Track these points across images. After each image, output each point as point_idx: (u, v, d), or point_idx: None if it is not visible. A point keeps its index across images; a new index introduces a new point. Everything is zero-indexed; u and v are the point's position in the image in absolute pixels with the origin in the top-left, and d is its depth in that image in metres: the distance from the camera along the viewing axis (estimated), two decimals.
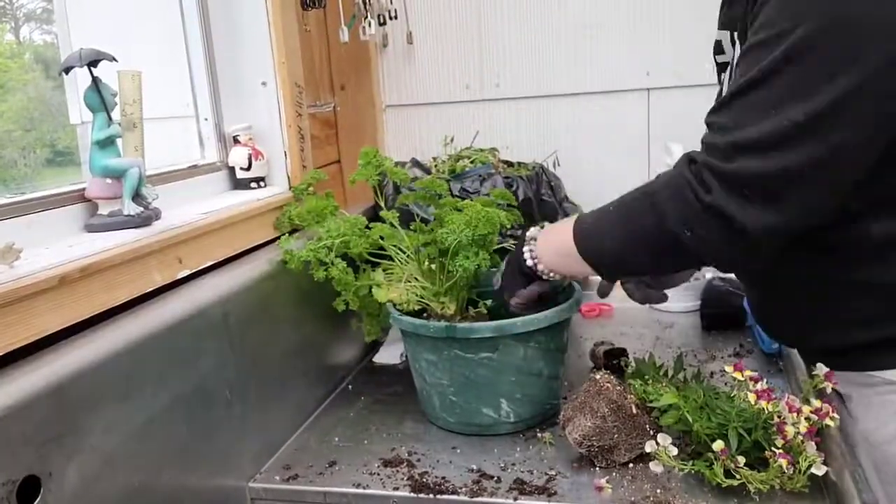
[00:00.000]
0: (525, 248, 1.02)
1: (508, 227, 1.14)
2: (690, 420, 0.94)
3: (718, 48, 1.04)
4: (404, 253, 1.17)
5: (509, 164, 1.64)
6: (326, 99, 1.61)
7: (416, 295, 1.11)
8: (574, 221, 0.97)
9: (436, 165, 1.60)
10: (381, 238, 1.18)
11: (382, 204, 1.27)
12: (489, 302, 1.14)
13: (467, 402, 1.07)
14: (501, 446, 1.05)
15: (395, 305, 1.11)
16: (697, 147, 0.87)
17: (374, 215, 1.55)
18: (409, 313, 1.10)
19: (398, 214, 1.21)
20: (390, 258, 1.18)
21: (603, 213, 0.94)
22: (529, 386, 1.07)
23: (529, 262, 1.01)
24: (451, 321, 1.07)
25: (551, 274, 1.01)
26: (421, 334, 1.06)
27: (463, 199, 1.30)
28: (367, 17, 1.68)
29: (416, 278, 1.13)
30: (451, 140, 1.74)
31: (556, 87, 1.80)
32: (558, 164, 1.69)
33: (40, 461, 0.70)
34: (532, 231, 1.04)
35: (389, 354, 1.41)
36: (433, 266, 1.13)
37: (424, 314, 1.12)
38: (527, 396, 1.07)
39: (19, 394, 0.69)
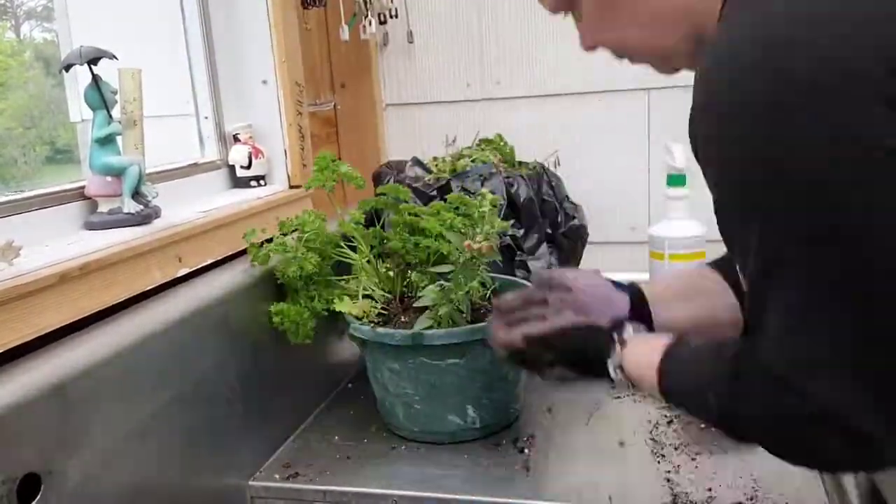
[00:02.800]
0: (611, 364, 0.82)
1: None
2: None
3: None
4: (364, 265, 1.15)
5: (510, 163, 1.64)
6: (327, 97, 1.61)
7: (377, 307, 1.10)
8: (661, 359, 0.77)
9: (436, 164, 1.60)
10: (339, 246, 1.15)
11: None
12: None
13: (433, 409, 1.05)
14: (501, 446, 1.05)
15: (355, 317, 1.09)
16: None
17: (373, 214, 1.55)
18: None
19: (363, 219, 1.18)
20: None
21: (690, 369, 0.76)
22: (496, 390, 1.06)
23: (613, 375, 0.83)
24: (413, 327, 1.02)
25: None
26: (384, 343, 1.03)
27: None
28: (367, 15, 1.68)
29: (373, 289, 1.13)
30: (454, 141, 1.73)
31: (557, 86, 1.80)
32: (559, 164, 1.69)
33: (40, 459, 0.70)
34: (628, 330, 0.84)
35: None
36: (391, 273, 1.11)
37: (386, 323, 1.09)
38: (493, 401, 1.06)
39: (19, 391, 0.69)
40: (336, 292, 1.12)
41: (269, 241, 1.13)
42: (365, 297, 1.12)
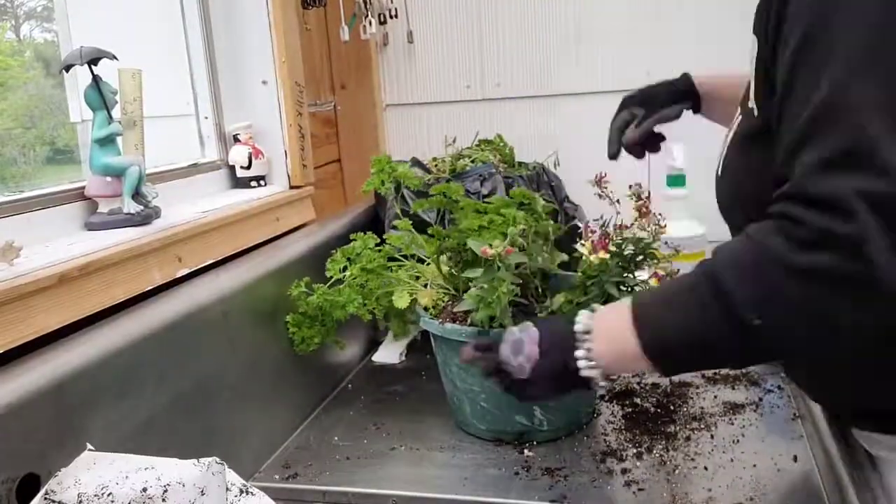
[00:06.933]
0: (580, 352, 0.79)
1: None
2: None
3: None
4: (423, 261, 1.15)
5: (510, 163, 1.64)
6: (327, 98, 1.61)
7: (444, 300, 1.09)
8: (632, 308, 0.75)
9: (436, 165, 1.60)
10: (399, 250, 1.16)
11: (399, 211, 1.26)
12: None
13: (499, 408, 1.04)
14: (502, 447, 1.05)
15: (424, 308, 1.09)
16: (699, 145, 0.83)
17: (374, 215, 1.55)
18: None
19: (410, 221, 1.20)
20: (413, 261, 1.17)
21: (664, 300, 0.74)
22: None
23: (587, 372, 0.79)
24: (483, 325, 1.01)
25: (606, 380, 0.80)
26: (452, 339, 1.03)
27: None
28: (367, 15, 1.68)
29: (438, 284, 1.12)
30: (454, 141, 1.74)
31: (557, 87, 1.80)
32: (558, 164, 1.69)
33: (40, 459, 0.70)
34: (583, 320, 0.80)
35: (389, 354, 1.41)
36: (454, 271, 1.11)
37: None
38: (561, 404, 1.04)
39: (19, 392, 0.69)
40: (394, 288, 1.12)
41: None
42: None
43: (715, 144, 1.25)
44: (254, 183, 1.34)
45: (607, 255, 1.01)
